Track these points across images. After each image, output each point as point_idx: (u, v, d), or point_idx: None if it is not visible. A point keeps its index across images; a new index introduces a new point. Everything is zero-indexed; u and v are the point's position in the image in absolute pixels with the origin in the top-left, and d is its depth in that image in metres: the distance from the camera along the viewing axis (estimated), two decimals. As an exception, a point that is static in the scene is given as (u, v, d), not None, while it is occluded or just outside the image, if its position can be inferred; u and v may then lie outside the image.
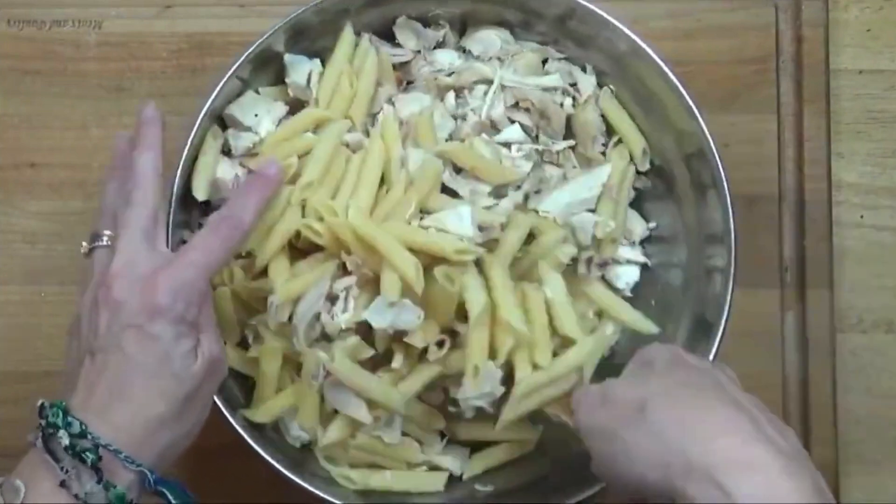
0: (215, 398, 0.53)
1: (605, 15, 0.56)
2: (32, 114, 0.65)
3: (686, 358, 0.48)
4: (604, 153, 0.61)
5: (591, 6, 0.56)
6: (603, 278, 0.61)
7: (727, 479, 0.38)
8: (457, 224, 0.54)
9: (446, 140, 0.59)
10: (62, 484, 0.44)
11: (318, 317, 0.55)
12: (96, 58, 0.65)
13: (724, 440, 0.40)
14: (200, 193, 0.57)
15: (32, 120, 0.65)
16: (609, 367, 0.57)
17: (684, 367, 0.46)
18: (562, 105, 0.60)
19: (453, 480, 0.59)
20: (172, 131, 0.64)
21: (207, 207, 0.59)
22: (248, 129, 0.59)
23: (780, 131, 0.65)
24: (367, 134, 0.59)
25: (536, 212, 0.58)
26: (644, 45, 0.56)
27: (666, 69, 0.56)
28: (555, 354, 0.55)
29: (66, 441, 0.45)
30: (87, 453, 0.44)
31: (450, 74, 0.60)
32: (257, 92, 0.59)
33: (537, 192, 0.59)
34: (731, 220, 0.56)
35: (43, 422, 0.46)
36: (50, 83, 0.65)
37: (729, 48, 0.65)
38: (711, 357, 0.55)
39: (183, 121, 0.64)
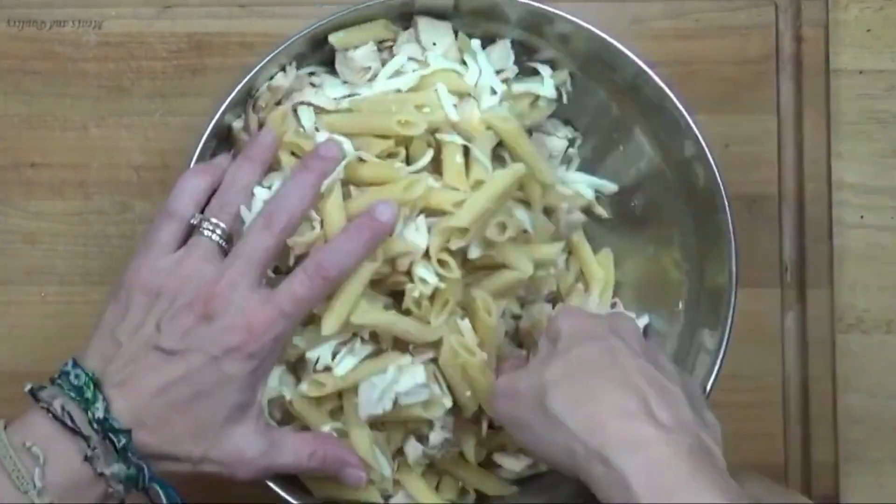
0: None
1: (574, 19, 0.55)
2: (32, 114, 0.65)
3: (585, 325, 0.49)
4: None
5: (557, 11, 0.55)
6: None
7: (618, 459, 0.42)
8: None
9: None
10: (86, 458, 0.44)
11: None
12: (96, 58, 0.65)
13: (613, 424, 0.43)
14: None
15: (32, 120, 0.65)
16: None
17: (582, 339, 0.48)
18: None
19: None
20: (173, 132, 0.64)
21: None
22: None
23: (780, 131, 0.65)
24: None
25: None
26: (623, 48, 0.55)
27: (647, 69, 0.55)
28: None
29: (100, 414, 0.44)
30: (120, 436, 0.44)
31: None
32: None
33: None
34: (730, 223, 0.55)
35: (62, 382, 0.46)
36: (50, 83, 0.65)
37: (729, 48, 0.65)
38: (719, 361, 0.56)
39: (182, 121, 0.64)
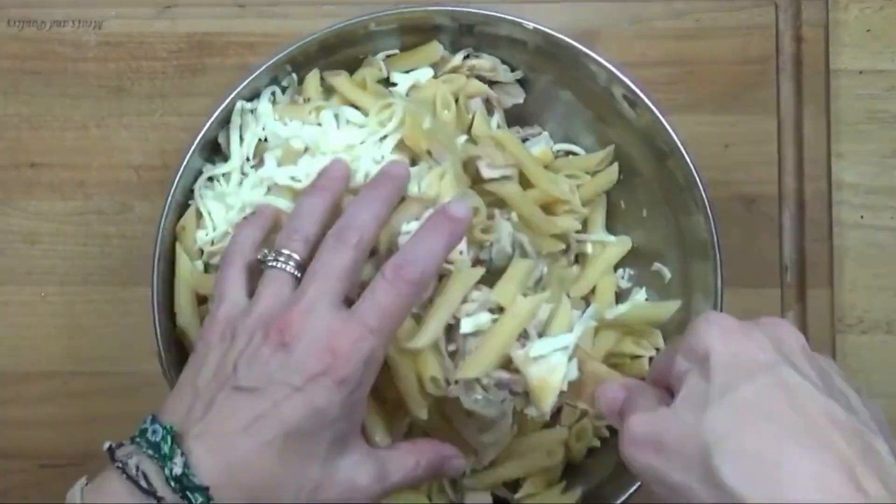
0: None
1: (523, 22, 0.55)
2: (32, 114, 0.65)
3: (742, 345, 0.39)
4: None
5: (503, 15, 0.56)
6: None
7: None
8: None
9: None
10: None
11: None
12: (96, 58, 0.65)
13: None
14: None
15: (32, 120, 0.65)
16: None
17: (744, 369, 0.38)
18: None
19: None
20: (173, 132, 0.64)
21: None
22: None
23: (780, 131, 0.65)
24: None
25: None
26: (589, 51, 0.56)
27: (616, 70, 0.55)
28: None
29: (178, 470, 0.41)
30: (196, 494, 0.41)
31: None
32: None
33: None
34: (712, 223, 0.55)
35: (140, 440, 0.42)
36: (50, 83, 0.65)
37: (729, 48, 0.65)
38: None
39: (182, 121, 0.64)
